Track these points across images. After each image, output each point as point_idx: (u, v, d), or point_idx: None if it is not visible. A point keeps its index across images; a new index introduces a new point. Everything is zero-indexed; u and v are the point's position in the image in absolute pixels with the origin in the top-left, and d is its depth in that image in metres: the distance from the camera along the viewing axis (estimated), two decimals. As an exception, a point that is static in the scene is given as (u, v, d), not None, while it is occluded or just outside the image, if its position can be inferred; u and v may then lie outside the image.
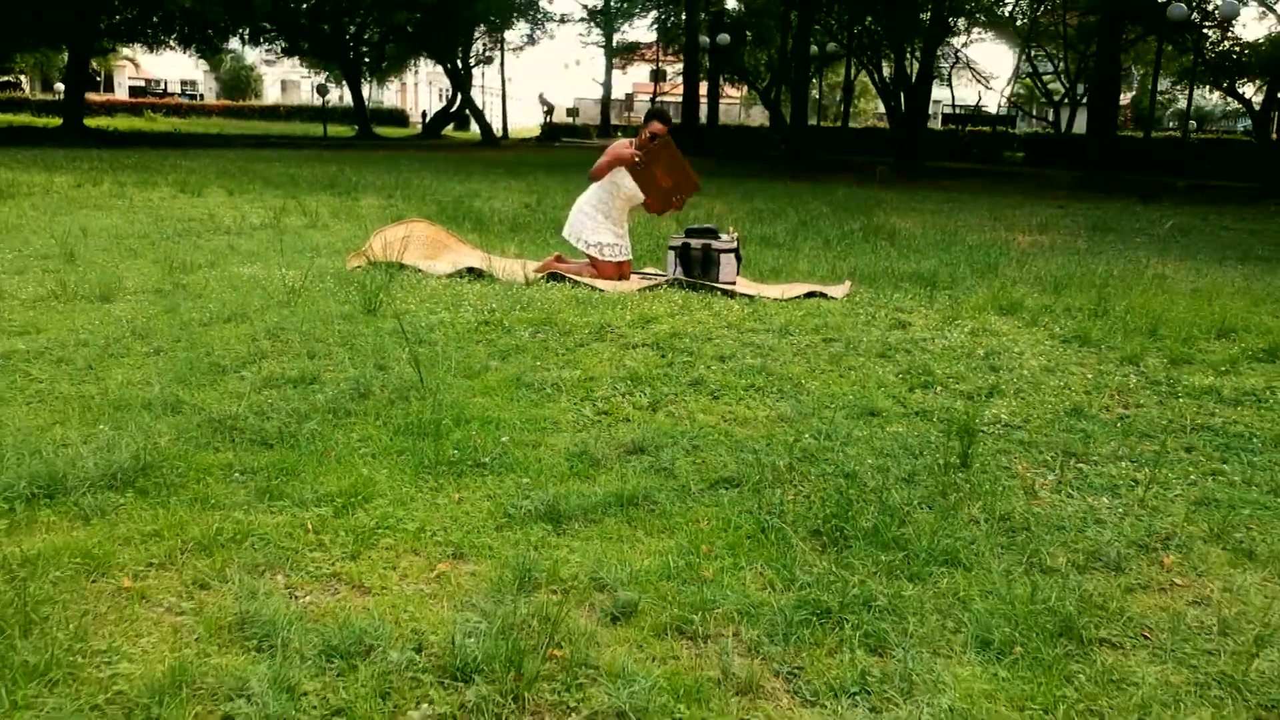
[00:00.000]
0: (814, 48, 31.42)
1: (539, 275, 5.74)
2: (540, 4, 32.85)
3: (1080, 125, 29.98)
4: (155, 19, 27.47)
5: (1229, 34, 29.38)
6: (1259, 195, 18.46)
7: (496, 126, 36.76)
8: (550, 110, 44.41)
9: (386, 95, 53.99)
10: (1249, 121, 29.31)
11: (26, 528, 2.44)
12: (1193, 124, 43.94)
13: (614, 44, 36.58)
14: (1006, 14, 34.01)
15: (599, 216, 6.10)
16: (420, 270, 5.84)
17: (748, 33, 34.96)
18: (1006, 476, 2.97)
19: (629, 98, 53.74)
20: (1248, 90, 31.81)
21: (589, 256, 6.08)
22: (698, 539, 2.48)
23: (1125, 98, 53.47)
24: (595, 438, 3.20)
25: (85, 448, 2.91)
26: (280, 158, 18.12)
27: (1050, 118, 36.39)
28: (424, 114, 42.72)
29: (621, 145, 6.06)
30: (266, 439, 3.08)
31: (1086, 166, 23.09)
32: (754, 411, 3.52)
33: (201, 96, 52.65)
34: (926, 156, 27.30)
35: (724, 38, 31.02)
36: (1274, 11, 28.36)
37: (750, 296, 5.32)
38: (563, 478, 2.88)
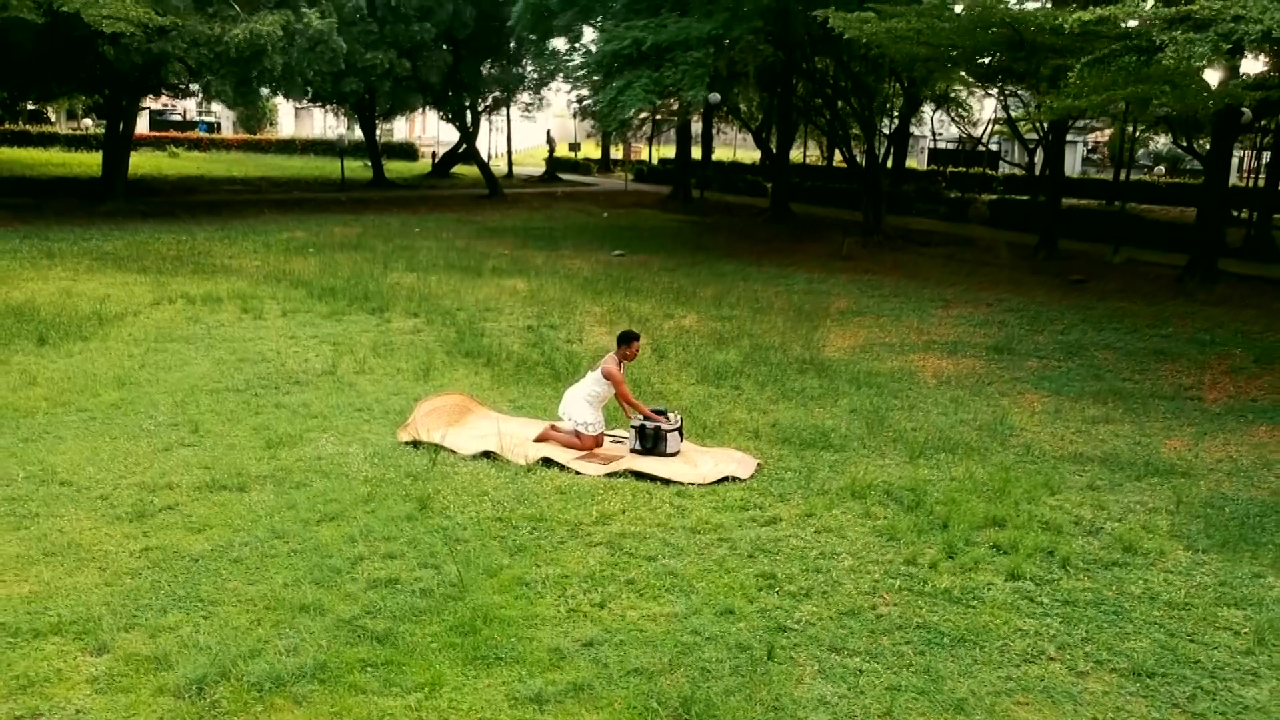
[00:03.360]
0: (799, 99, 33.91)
1: (536, 459, 8.11)
2: (547, 72, 35.26)
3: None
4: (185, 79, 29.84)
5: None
6: (1184, 274, 20.52)
7: (501, 151, 38.90)
8: (552, 146, 46.95)
9: (396, 126, 56.58)
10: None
11: (274, 711, 4.81)
12: (1161, 169, 46.32)
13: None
14: (982, 65, 36.38)
15: (586, 404, 8.61)
16: (454, 452, 8.21)
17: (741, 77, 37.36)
18: (791, 665, 5.34)
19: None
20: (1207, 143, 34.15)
21: (575, 431, 8.54)
22: (611, 718, 4.86)
23: (1104, 134, 55.78)
24: (564, 634, 5.56)
25: (281, 644, 5.29)
26: (312, 240, 20.55)
27: (1026, 161, 38.71)
28: (434, 154, 45.40)
29: (611, 364, 8.50)
30: (378, 637, 5.45)
31: (1040, 227, 25.39)
32: (662, 608, 5.89)
33: (219, 125, 55.12)
34: (903, 209, 29.81)
35: (715, 96, 33.43)
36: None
37: (681, 484, 7.69)
38: (545, 668, 5.24)
